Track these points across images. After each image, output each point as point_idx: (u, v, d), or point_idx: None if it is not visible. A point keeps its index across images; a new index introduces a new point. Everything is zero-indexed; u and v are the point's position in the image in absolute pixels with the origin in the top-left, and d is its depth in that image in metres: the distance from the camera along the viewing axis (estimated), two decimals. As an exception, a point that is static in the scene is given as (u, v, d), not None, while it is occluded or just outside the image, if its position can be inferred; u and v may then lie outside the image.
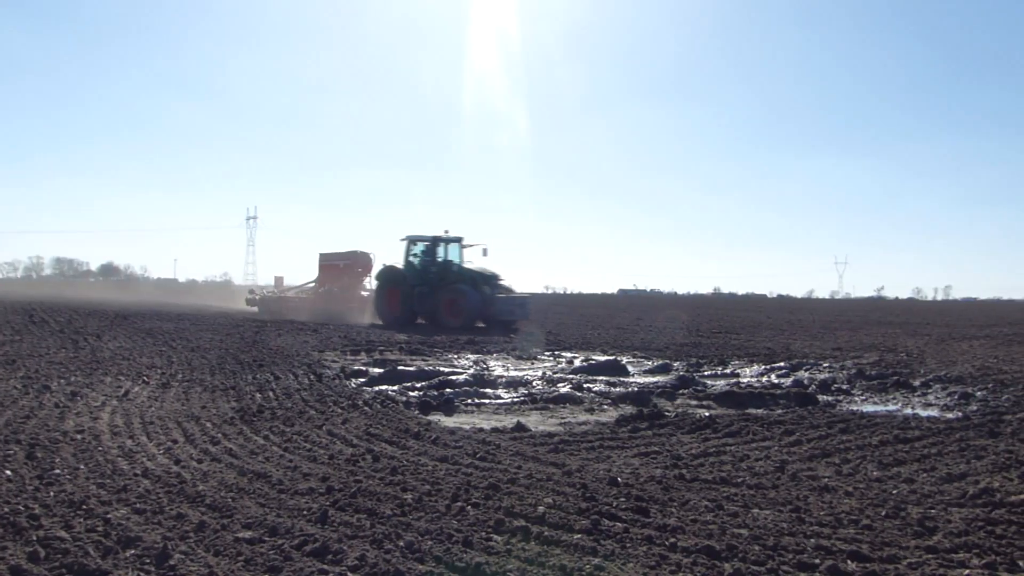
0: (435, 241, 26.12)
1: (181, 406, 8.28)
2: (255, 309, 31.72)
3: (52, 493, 4.82)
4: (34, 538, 3.97)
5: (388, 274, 26.13)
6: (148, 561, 3.74)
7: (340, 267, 30.06)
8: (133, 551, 3.86)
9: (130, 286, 64.86)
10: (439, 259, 25.98)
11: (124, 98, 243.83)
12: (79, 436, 6.52)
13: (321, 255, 30.85)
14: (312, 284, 31.72)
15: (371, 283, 30.13)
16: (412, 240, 26.39)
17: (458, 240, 26.41)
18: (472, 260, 26.33)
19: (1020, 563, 3.94)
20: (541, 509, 4.67)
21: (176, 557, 3.77)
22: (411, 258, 26.19)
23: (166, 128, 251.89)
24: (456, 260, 26.13)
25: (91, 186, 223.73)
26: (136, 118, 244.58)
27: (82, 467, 5.50)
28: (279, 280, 35.73)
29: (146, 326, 19.65)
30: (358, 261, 30.09)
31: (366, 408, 8.42)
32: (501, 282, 25.61)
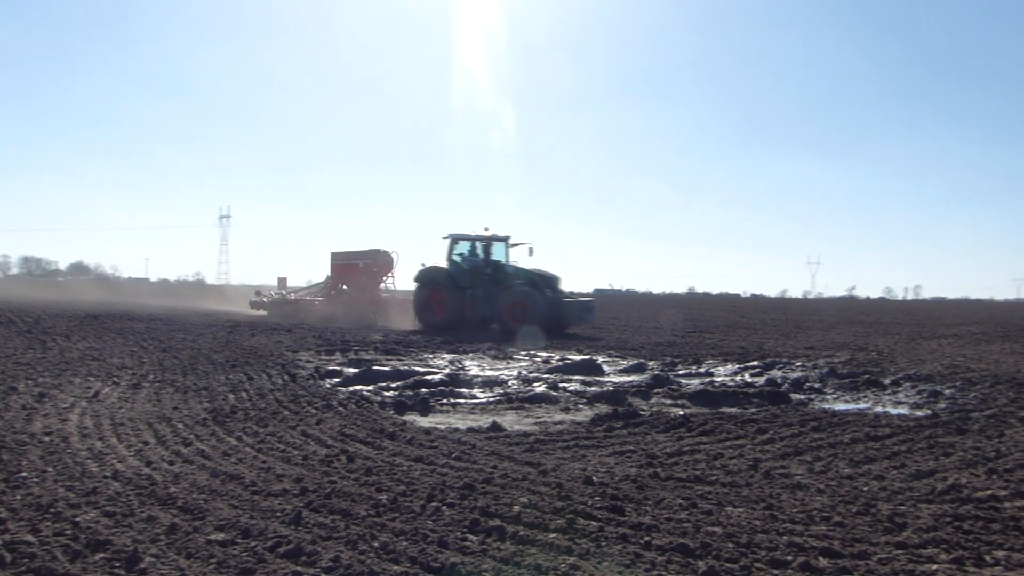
0: (488, 240, 24.13)
1: (152, 407, 8.17)
2: (262, 312, 29.57)
3: (19, 496, 4.74)
4: (0, 542, 3.90)
5: (431, 275, 23.85)
6: (118, 565, 3.69)
7: (359, 267, 28.00)
8: (102, 555, 3.80)
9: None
10: (491, 259, 24.01)
11: (94, 94, 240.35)
12: (47, 438, 6.42)
13: (334, 254, 28.86)
14: (321, 285, 29.85)
15: (392, 283, 28.65)
16: (456, 238, 24.33)
17: (505, 239, 24.45)
18: (518, 260, 24.52)
19: (987, 558, 4.01)
20: (516, 508, 4.68)
21: (147, 560, 3.72)
22: (454, 257, 24.12)
23: (138, 125, 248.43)
24: (502, 260, 24.21)
25: (61, 184, 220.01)
26: (107, 115, 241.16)
27: (50, 470, 5.41)
28: (282, 281, 33.29)
29: (117, 326, 19.38)
30: (379, 260, 28.05)
31: (340, 408, 8.37)
32: (561, 285, 23.97)
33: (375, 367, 12.22)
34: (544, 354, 15.94)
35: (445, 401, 9.37)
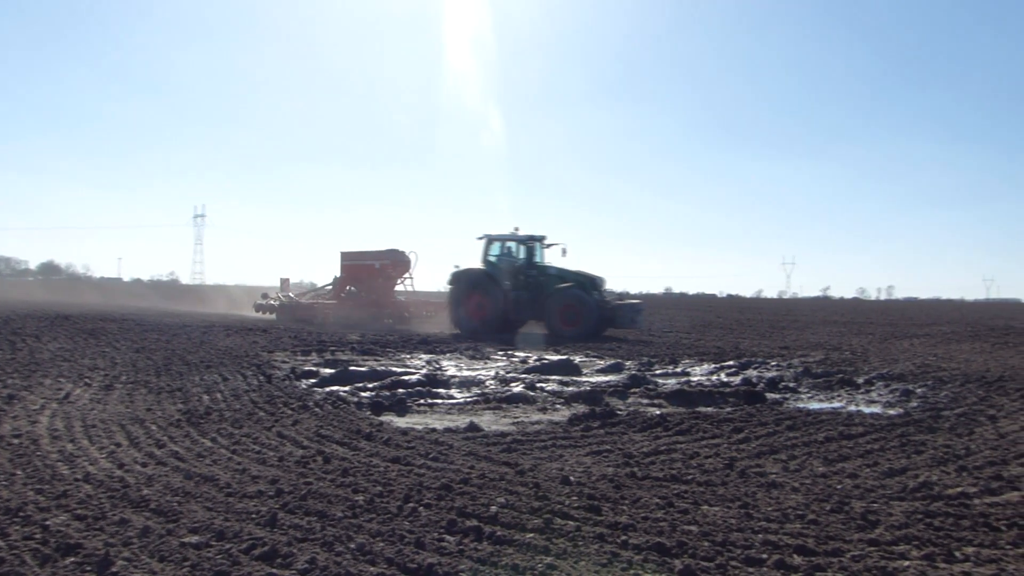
0: (530, 241, 23.32)
1: (125, 408, 8.07)
2: (271, 316, 27.88)
3: (-13, 500, 4.66)
4: (-33, 547, 3.83)
5: (470, 277, 23.04)
6: (89, 569, 3.64)
7: (374, 267, 26.77)
8: (73, 559, 3.74)
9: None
10: (533, 260, 23.33)
11: (66, 91, 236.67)
12: (16, 440, 6.31)
13: (345, 254, 27.59)
14: (330, 287, 28.57)
15: (412, 285, 27.77)
16: (492, 239, 23.49)
17: (540, 240, 23.75)
18: (551, 261, 23.78)
19: (956, 554, 4.07)
20: (494, 509, 4.67)
21: (119, 564, 3.67)
22: (490, 259, 23.33)
23: (111, 123, 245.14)
24: (539, 261, 23.51)
25: (31, 182, 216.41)
26: (79, 112, 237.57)
27: (19, 473, 5.32)
28: (285, 282, 31.66)
29: (88, 327, 19.11)
30: (396, 261, 26.93)
31: (317, 409, 8.31)
32: (606, 287, 23.31)
33: (352, 367, 12.15)
34: (521, 354, 15.94)
35: (422, 401, 9.33)
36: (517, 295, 22.65)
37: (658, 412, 8.70)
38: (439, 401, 9.46)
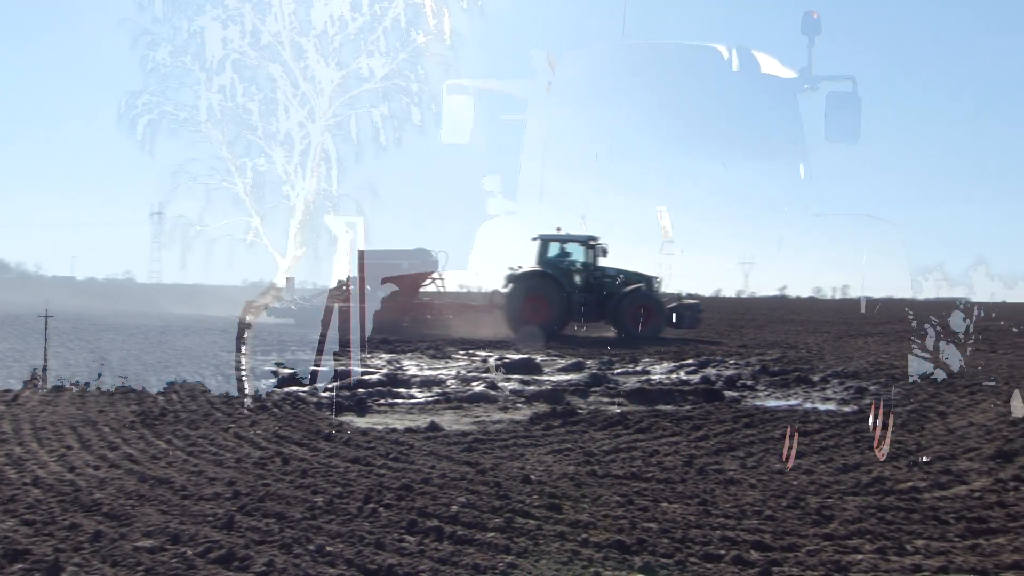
0: (589, 241, 22.64)
1: (76, 410, 7.87)
2: (288, 320, 25.42)
3: (-70, 505, 4.51)
4: (-91, 554, 3.70)
5: (529, 279, 22.12)
6: (38, 575, 3.54)
7: (402, 267, 24.76)
8: (21, 565, 3.64)
9: None
10: (594, 262, 22.78)
11: (13, 82, 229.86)
12: (-38, 444, 6.13)
13: (361, 252, 25.56)
14: (337, 288, 25.10)
15: (443, 286, 25.98)
16: (547, 239, 22.70)
17: (588, 240, 23.07)
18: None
19: (907, 547, 4.17)
20: (454, 508, 4.66)
21: (69, 570, 3.59)
22: (545, 260, 22.64)
23: (60, 115, 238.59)
24: (588, 261, 22.89)
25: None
26: (25, 104, 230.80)
27: (-35, 477, 5.17)
28: (290, 282, 29.71)
29: (39, 327, 18.60)
30: (426, 261, 25.19)
31: (276, 409, 8.21)
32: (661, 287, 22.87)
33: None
34: (483, 353, 15.92)
35: (383, 401, 9.27)
36: (582, 297, 22.22)
37: (618, 410, 8.76)
38: (400, 401, 9.41)
